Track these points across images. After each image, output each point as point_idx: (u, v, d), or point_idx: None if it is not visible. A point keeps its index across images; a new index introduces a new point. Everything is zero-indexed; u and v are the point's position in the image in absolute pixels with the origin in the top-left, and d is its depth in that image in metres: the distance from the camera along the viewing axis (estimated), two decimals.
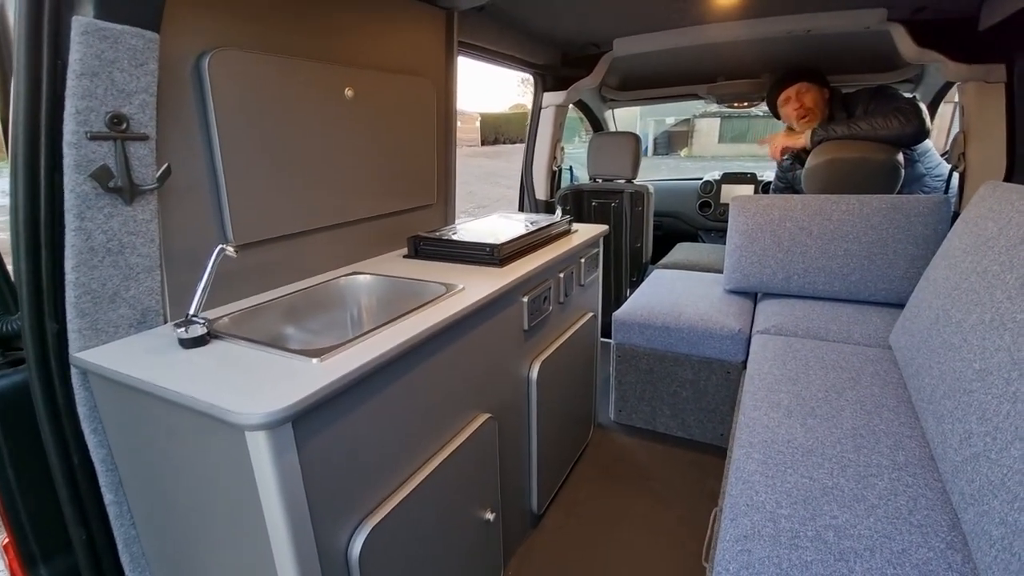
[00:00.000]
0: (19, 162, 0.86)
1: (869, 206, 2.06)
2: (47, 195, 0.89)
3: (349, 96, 1.41)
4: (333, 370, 0.84)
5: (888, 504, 1.00)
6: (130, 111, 0.93)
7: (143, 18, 0.91)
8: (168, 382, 0.82)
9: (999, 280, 1.08)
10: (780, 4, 1.99)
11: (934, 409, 1.13)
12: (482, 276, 1.39)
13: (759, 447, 1.21)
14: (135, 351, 0.95)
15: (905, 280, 1.98)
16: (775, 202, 2.23)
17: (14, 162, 0.86)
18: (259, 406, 0.74)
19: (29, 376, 0.93)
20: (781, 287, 2.21)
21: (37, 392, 0.94)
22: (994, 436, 0.86)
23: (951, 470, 0.98)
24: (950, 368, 1.11)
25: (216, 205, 1.16)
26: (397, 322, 1.05)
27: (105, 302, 0.98)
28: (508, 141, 27.36)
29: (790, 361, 1.62)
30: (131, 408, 0.93)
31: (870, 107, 2.31)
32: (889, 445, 1.17)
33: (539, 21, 2.20)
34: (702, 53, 2.63)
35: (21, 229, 0.88)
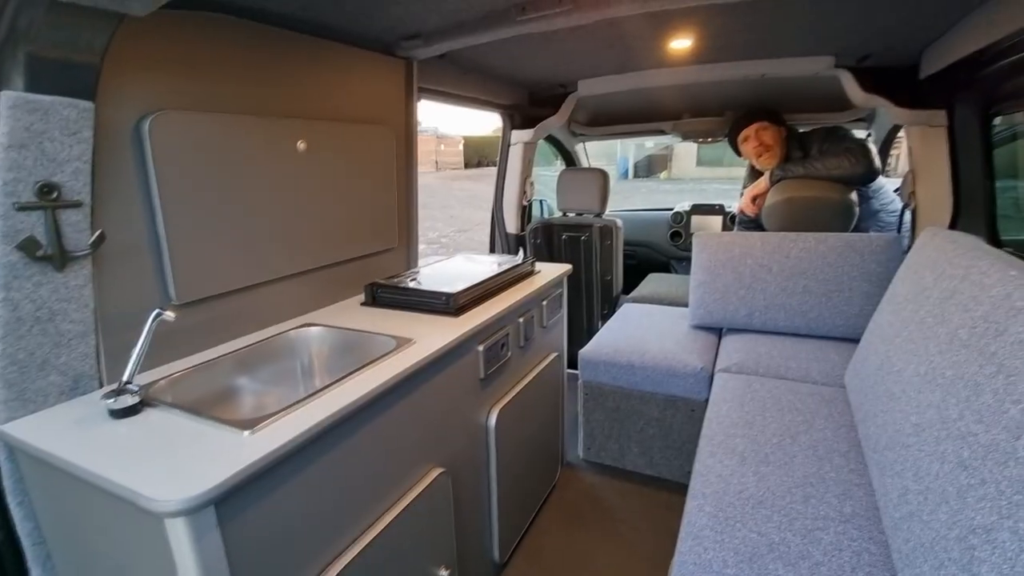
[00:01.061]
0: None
1: (825, 244, 2.12)
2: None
3: (301, 148, 1.41)
4: (262, 445, 0.83)
5: (832, 560, 1.00)
6: (62, 179, 0.92)
7: (77, 88, 0.91)
8: (87, 461, 0.79)
9: (932, 332, 1.10)
10: (733, 51, 2.07)
11: (878, 459, 1.14)
12: (437, 326, 1.38)
13: (711, 498, 1.21)
14: (62, 423, 0.93)
15: (861, 316, 2.02)
16: (736, 239, 2.28)
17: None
18: (178, 491, 0.72)
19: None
20: (744, 322, 2.24)
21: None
22: (926, 496, 0.88)
23: (892, 526, 0.99)
24: (891, 419, 1.13)
25: (158, 264, 1.14)
26: (341, 383, 1.04)
27: (33, 371, 0.95)
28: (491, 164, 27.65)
29: (748, 403, 1.64)
30: (56, 483, 0.90)
31: (823, 146, 2.39)
32: (837, 495, 1.18)
33: (502, 65, 2.25)
34: (666, 92, 2.70)
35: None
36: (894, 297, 1.46)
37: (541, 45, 1.87)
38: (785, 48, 2.04)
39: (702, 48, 2.00)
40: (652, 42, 1.92)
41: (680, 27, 1.74)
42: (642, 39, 1.88)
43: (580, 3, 1.37)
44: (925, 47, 1.94)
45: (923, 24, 1.68)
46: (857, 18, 1.63)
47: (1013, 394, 0.76)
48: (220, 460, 0.79)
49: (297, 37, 1.39)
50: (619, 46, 1.98)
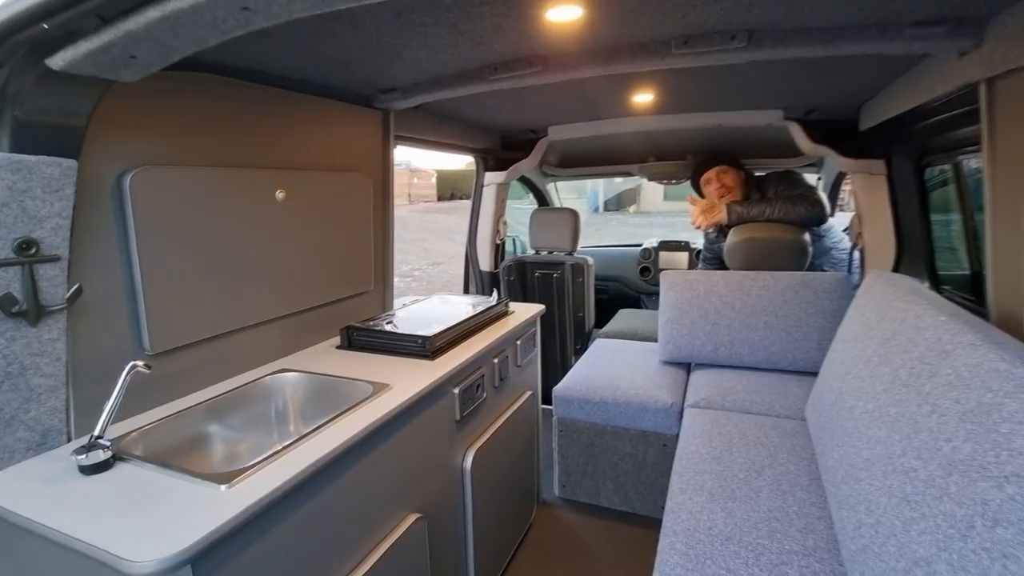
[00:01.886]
0: None
1: (782, 282, 2.24)
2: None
3: (280, 197, 1.45)
4: (240, 500, 0.83)
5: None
6: (41, 235, 0.93)
7: (61, 148, 0.94)
8: (56, 520, 0.78)
9: (878, 371, 1.19)
10: (691, 105, 2.22)
11: (836, 493, 1.21)
12: (413, 370, 1.40)
13: (682, 536, 1.24)
14: (29, 480, 0.91)
15: (818, 351, 2.13)
16: (700, 278, 2.39)
17: None
18: (153, 550, 0.72)
19: None
20: (710, 357, 2.32)
21: None
22: (876, 529, 0.93)
23: (849, 558, 1.04)
24: (845, 453, 1.20)
25: (133, 314, 1.14)
26: (319, 432, 1.05)
27: (1, 427, 0.93)
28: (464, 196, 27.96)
29: (715, 438, 1.69)
30: (18, 545, 0.87)
31: (779, 189, 2.56)
32: (800, 528, 1.23)
33: (475, 113, 2.35)
34: (631, 138, 2.85)
35: None
36: (845, 336, 1.56)
37: (512, 96, 1.97)
38: (738, 102, 2.20)
39: (662, 102, 2.14)
40: (616, 96, 2.05)
41: (641, 84, 1.88)
42: (607, 93, 2.01)
43: (548, 65, 1.47)
44: (862, 104, 2.13)
45: (858, 86, 1.85)
46: (801, 78, 1.78)
47: (944, 432, 0.84)
48: (197, 516, 0.79)
49: (277, 92, 1.45)
50: (586, 98, 2.11)
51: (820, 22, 1.20)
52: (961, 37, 1.15)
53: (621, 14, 1.14)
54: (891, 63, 1.56)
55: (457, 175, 29.45)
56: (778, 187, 2.59)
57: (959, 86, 1.27)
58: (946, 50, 1.25)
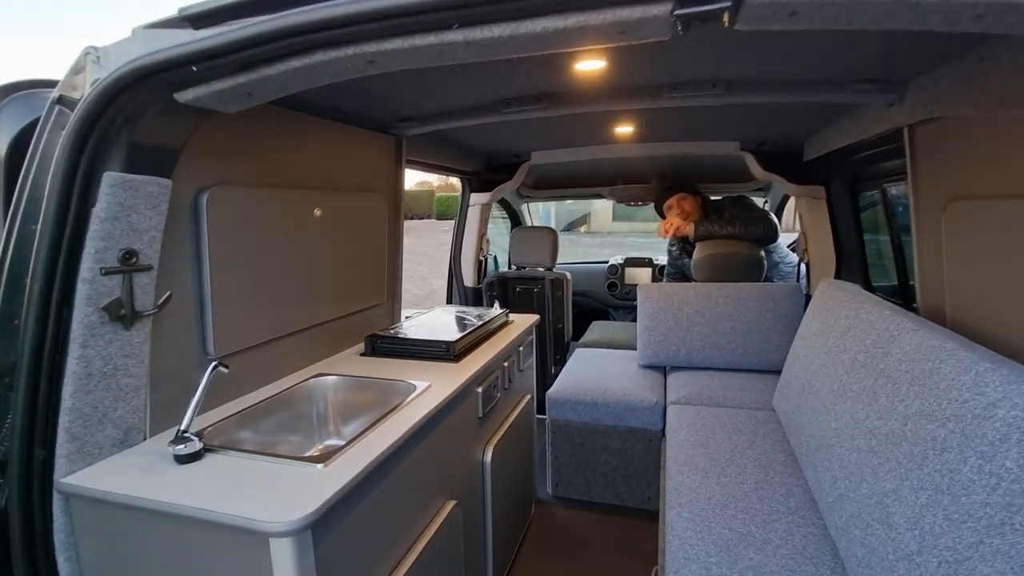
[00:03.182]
0: (33, 299, 0.92)
1: (744, 292, 2.54)
2: (54, 327, 0.94)
3: (317, 215, 1.58)
4: (340, 475, 0.96)
5: (788, 543, 1.26)
6: (140, 247, 1.03)
7: (161, 168, 1.04)
8: (179, 497, 0.88)
9: (839, 359, 1.46)
10: (663, 135, 2.51)
11: (810, 461, 1.45)
12: (441, 372, 1.55)
13: (687, 506, 1.44)
14: (127, 470, 0.99)
15: (776, 352, 2.43)
16: (673, 289, 2.66)
17: (28, 299, 0.92)
18: (283, 514, 0.83)
19: (8, 503, 0.93)
20: (684, 361, 2.58)
21: (16, 520, 0.93)
22: (849, 479, 1.17)
23: (827, 509, 1.27)
24: (817, 428, 1.45)
25: (199, 321, 1.24)
26: (381, 423, 1.18)
27: (95, 424, 1.01)
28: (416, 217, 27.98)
29: (700, 428, 1.92)
30: (119, 530, 0.95)
31: (735, 212, 2.90)
32: (783, 494, 1.46)
33: (471, 139, 2.55)
34: (605, 163, 3.13)
35: (26, 360, 0.92)
36: (805, 334, 1.85)
37: (505, 124, 2.17)
38: (703, 134, 2.51)
39: (638, 132, 2.42)
40: (598, 126, 2.30)
41: (623, 118, 2.13)
42: (590, 123, 2.25)
43: (555, 102, 1.69)
44: (805, 139, 2.49)
45: (803, 124, 2.19)
46: (756, 118, 2.10)
47: (899, 395, 1.09)
48: (308, 489, 0.91)
49: (312, 119, 1.58)
50: (570, 127, 2.34)
51: (781, 76, 1.49)
52: (889, 92, 1.47)
53: (629, 66, 1.37)
54: (831, 109, 1.89)
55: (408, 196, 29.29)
56: (734, 209, 2.94)
57: (888, 129, 1.60)
58: (878, 101, 1.56)
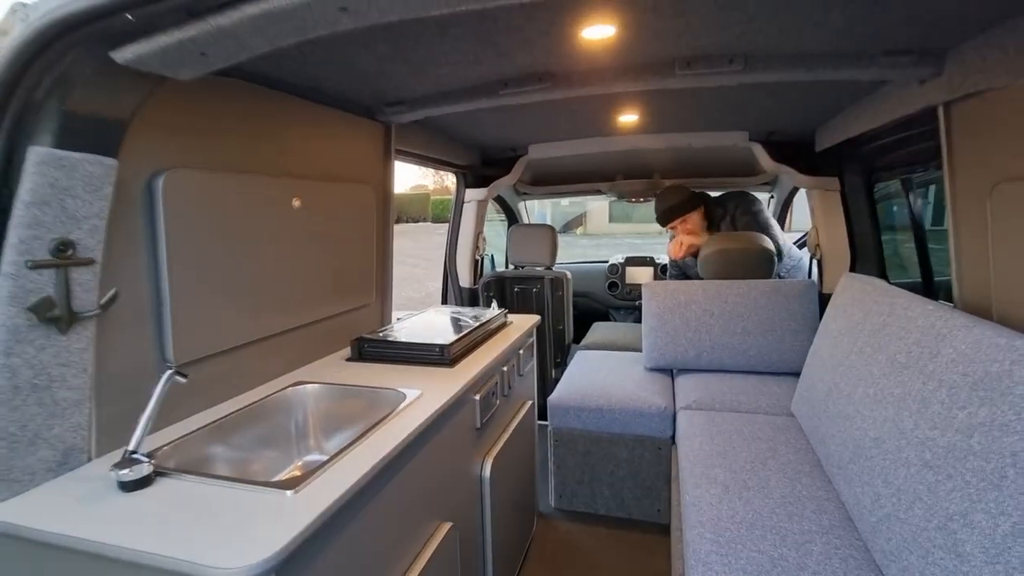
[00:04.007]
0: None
1: (756, 289, 2.41)
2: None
3: (296, 206, 1.43)
4: (313, 503, 0.81)
5: (825, 568, 1.12)
6: (78, 236, 0.88)
7: (103, 145, 0.90)
8: (117, 536, 0.73)
9: (874, 360, 1.32)
10: (669, 125, 2.37)
11: (843, 474, 1.31)
12: (434, 378, 1.40)
13: (708, 526, 1.30)
14: (63, 501, 0.84)
15: (791, 352, 2.30)
16: (680, 287, 2.52)
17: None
18: (236, 558, 0.68)
19: None
20: (693, 363, 2.44)
21: None
22: (899, 497, 1.03)
23: (869, 530, 1.13)
24: (850, 436, 1.31)
25: (156, 324, 1.09)
26: (365, 438, 1.03)
27: (23, 446, 0.86)
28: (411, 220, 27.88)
29: (716, 436, 1.78)
30: (65, 571, 0.80)
31: (740, 206, 2.78)
32: (814, 510, 1.32)
33: (465, 129, 2.40)
34: (605, 157, 2.99)
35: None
36: (828, 333, 1.71)
37: (499, 112, 2.03)
38: (710, 124, 2.38)
39: (644, 122, 2.28)
40: (603, 115, 2.16)
41: (628, 104, 2.00)
42: (595, 112, 2.12)
43: (557, 82, 1.55)
44: (817, 128, 2.36)
45: (812, 112, 2.06)
46: (764, 103, 1.96)
47: (958, 402, 0.95)
48: (271, 524, 0.76)
49: (290, 99, 1.43)
50: (570, 117, 2.21)
51: (804, 49, 1.35)
52: (924, 66, 1.33)
53: (642, 35, 1.23)
54: (849, 91, 1.76)
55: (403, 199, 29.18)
56: (739, 204, 2.81)
57: (920, 109, 1.46)
58: (908, 78, 1.43)
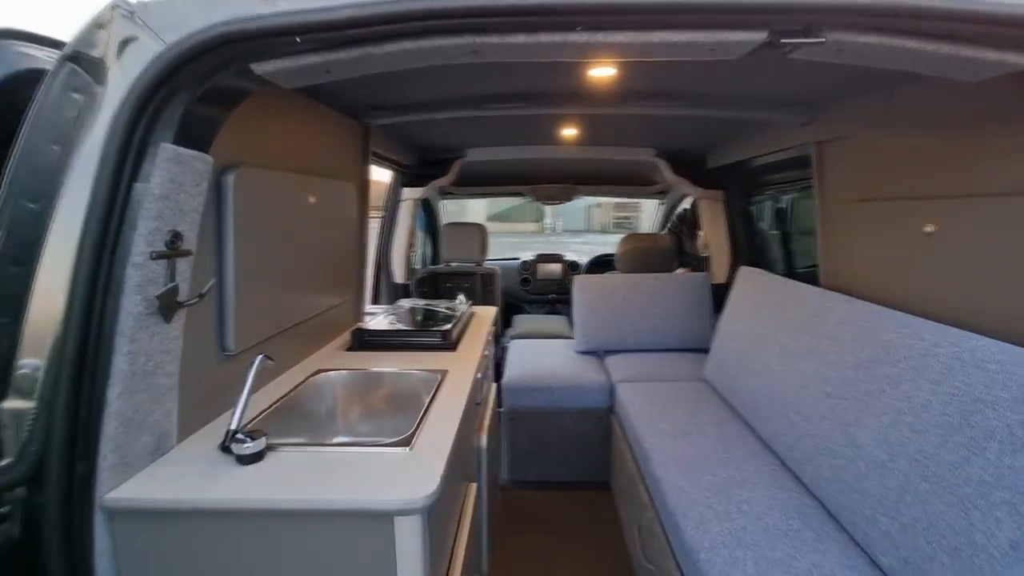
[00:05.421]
0: (78, 287, 0.79)
1: (663, 280, 2.90)
2: (98, 319, 0.82)
3: (312, 202, 1.49)
4: (432, 457, 0.97)
5: (762, 480, 1.53)
6: (183, 229, 0.93)
7: (204, 143, 0.95)
8: (279, 494, 0.83)
9: (778, 329, 1.79)
10: (586, 138, 2.74)
11: (760, 414, 1.76)
12: (444, 361, 1.57)
13: (671, 461, 1.66)
14: (186, 478, 0.89)
15: (692, 332, 2.83)
16: (605, 281, 2.93)
17: (72, 288, 0.78)
18: (415, 492, 0.84)
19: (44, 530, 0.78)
20: (618, 344, 2.86)
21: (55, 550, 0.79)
22: (808, 420, 1.47)
23: (785, 450, 1.57)
24: (763, 387, 1.77)
25: (219, 315, 1.12)
26: (433, 406, 1.19)
27: (135, 431, 0.89)
28: None
29: (652, 400, 2.18)
30: (179, 545, 0.85)
31: None
32: (741, 444, 1.75)
33: (412, 131, 2.53)
34: (528, 162, 3.30)
35: (69, 357, 0.78)
36: (735, 313, 2.20)
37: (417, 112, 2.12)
38: (625, 141, 2.81)
39: (575, 136, 2.63)
40: (542, 127, 2.43)
41: (568, 121, 2.31)
42: (535, 124, 2.38)
43: (536, 102, 1.80)
44: (707, 151, 2.92)
45: (710, 137, 2.59)
46: (672, 128, 2.42)
47: (846, 350, 1.40)
48: (411, 471, 0.91)
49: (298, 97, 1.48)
50: (513, 126, 2.45)
51: (725, 92, 1.77)
52: (804, 115, 1.84)
53: (625, 75, 1.54)
54: (741, 124, 2.28)
55: None
56: None
57: (800, 144, 1.99)
58: (792, 122, 1.94)
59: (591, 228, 24.47)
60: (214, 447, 0.98)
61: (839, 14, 0.77)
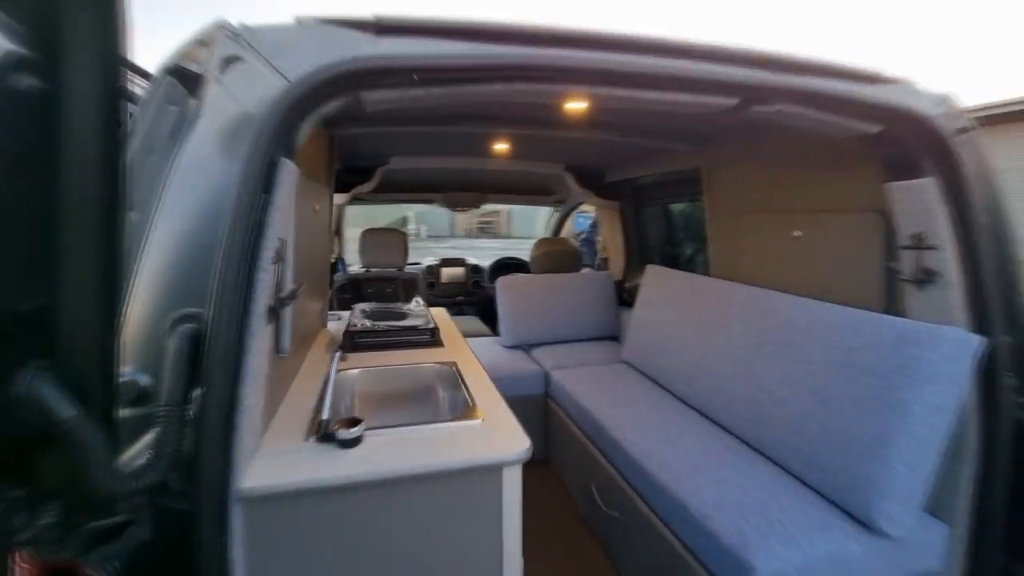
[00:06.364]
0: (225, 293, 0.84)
1: (574, 279, 3.33)
2: (238, 323, 0.87)
3: (317, 209, 1.54)
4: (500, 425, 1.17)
5: (695, 428, 1.96)
6: (286, 236, 1.00)
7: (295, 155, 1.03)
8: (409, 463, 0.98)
9: (689, 314, 2.27)
10: (504, 153, 3.04)
11: (682, 381, 2.22)
12: (439, 355, 1.73)
13: (625, 426, 2.02)
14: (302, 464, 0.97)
15: (601, 323, 3.29)
16: (524, 281, 3.26)
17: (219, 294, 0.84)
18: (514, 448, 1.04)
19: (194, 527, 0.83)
20: (540, 338, 3.21)
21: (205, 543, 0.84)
22: (726, 382, 1.94)
23: (706, 403, 2.03)
24: (684, 360, 2.23)
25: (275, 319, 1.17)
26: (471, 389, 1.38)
27: (254, 426, 0.95)
28: None
29: (587, 381, 2.55)
30: (304, 523, 0.95)
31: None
32: (670, 407, 2.19)
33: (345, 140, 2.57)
34: (445, 172, 3.49)
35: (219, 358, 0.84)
36: (648, 302, 2.67)
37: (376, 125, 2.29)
38: (540, 157, 3.17)
39: (497, 149, 2.90)
40: (468, 140, 2.65)
41: (496, 137, 2.58)
42: (463, 137, 2.59)
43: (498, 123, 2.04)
44: (606, 168, 3.42)
45: (612, 157, 3.07)
46: (577, 149, 2.84)
47: (751, 325, 1.89)
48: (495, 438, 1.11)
49: None
50: (440, 137, 2.63)
51: (636, 124, 2.19)
52: (695, 146, 2.36)
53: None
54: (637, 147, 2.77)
55: None
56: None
57: (692, 168, 2.52)
58: (688, 150, 2.46)
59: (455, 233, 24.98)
60: (299, 436, 1.06)
61: (788, 95, 1.17)
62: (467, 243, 21.06)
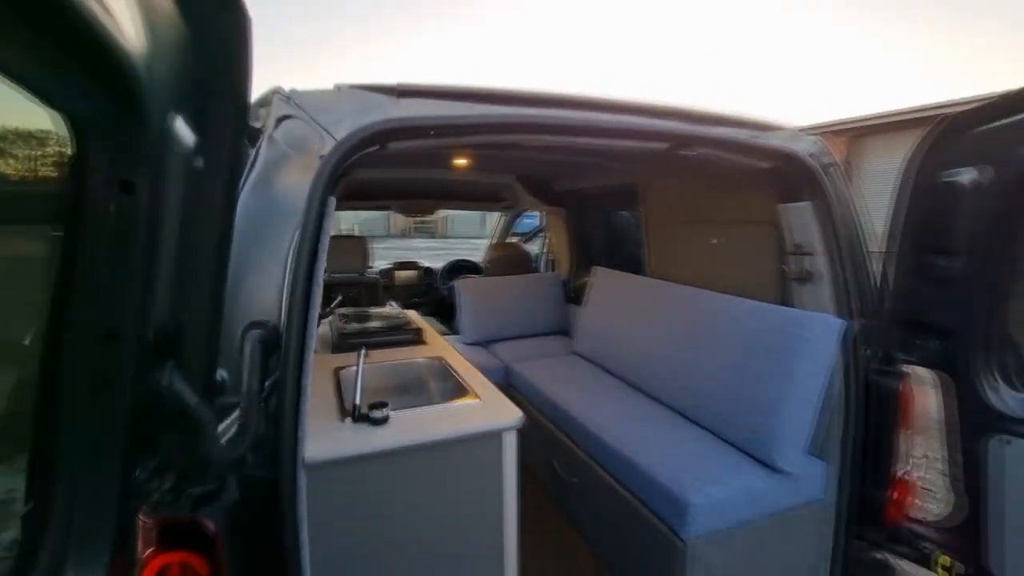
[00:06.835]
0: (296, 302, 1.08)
1: (526, 280, 3.67)
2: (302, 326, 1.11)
3: None
4: (494, 400, 1.46)
5: (640, 405, 2.35)
6: None
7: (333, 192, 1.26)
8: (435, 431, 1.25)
9: (634, 309, 2.66)
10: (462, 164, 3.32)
11: (630, 368, 2.60)
12: (425, 352, 1.99)
13: (583, 408, 2.37)
14: (345, 438, 1.22)
15: (552, 319, 3.65)
16: (484, 283, 3.56)
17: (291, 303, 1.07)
18: (505, 419, 1.34)
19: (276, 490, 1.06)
20: (497, 334, 3.51)
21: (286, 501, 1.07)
22: (664, 363, 2.34)
23: (659, 385, 2.42)
24: (632, 352, 2.61)
25: None
26: (463, 376, 1.65)
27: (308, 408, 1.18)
28: None
29: (547, 371, 2.89)
30: (351, 484, 1.20)
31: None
32: (620, 389, 2.57)
33: None
34: (403, 181, 3.71)
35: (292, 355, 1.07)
36: (595, 302, 3.05)
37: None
38: (494, 168, 3.47)
39: (457, 162, 3.18)
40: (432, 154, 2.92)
41: (463, 154, 2.86)
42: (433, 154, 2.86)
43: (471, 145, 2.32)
44: (554, 179, 3.78)
45: (552, 171, 3.43)
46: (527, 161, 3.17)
47: (682, 318, 2.30)
48: (491, 410, 1.40)
49: None
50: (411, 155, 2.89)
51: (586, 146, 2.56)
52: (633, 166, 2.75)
53: None
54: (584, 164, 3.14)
55: None
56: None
57: (630, 183, 2.92)
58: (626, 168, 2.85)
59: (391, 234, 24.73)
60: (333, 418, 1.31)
61: (705, 142, 1.55)
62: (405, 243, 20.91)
